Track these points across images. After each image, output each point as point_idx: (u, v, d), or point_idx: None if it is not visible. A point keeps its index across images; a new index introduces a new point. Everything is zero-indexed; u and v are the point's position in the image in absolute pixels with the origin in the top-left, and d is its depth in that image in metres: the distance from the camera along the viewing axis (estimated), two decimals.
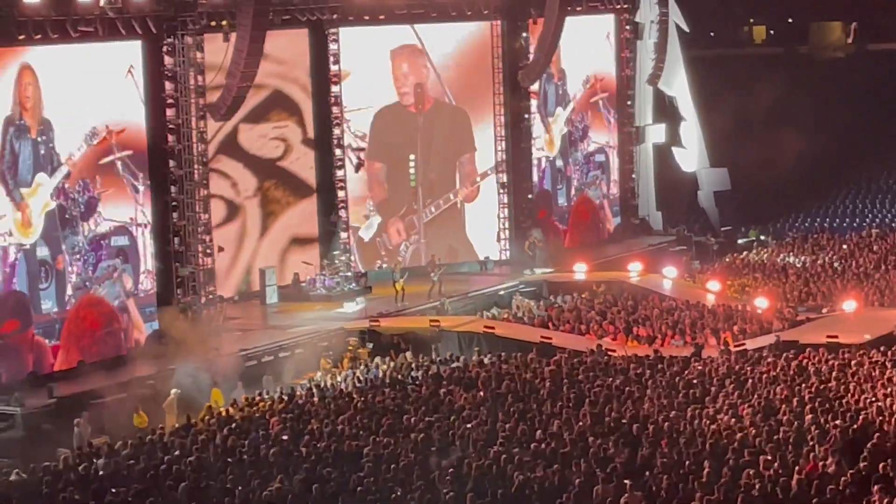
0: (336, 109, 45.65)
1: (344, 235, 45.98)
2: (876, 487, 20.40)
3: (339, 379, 34.63)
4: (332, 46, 45.49)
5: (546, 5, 47.05)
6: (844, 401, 26.38)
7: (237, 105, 39.56)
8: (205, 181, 39.57)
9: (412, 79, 47.50)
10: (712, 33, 73.26)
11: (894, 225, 55.53)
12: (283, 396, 31.26)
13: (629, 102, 53.69)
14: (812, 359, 31.03)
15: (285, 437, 26.51)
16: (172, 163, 38.65)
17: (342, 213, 46.07)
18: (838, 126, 62.95)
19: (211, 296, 39.59)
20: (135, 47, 37.90)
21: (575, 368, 31.37)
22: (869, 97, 65.64)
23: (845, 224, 57.53)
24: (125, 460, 25.67)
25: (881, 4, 70.54)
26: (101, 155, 37.16)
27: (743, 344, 34.63)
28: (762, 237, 55.01)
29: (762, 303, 39.41)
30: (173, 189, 38.64)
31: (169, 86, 38.60)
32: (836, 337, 33.68)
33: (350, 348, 37.85)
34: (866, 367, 29.63)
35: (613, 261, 49.14)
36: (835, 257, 47.89)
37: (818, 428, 24.26)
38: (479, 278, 47.36)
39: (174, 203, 38.68)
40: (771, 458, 22.27)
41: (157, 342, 37.34)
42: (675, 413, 26.21)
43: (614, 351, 34.37)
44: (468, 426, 26.07)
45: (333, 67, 45.56)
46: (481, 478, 22.35)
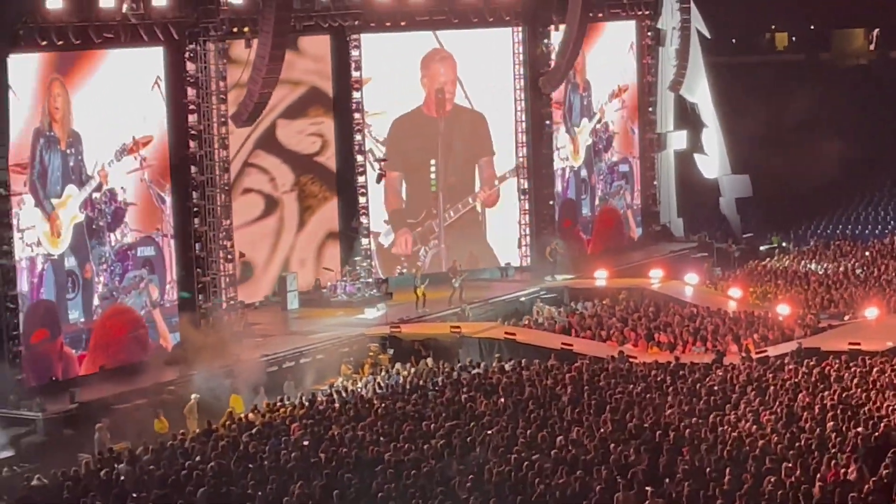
0: (357, 116, 45.75)
1: (365, 241, 46.04)
2: None
3: (360, 385, 34.63)
4: (354, 53, 45.61)
5: (567, 11, 47.06)
6: (866, 408, 26.33)
7: (259, 111, 39.65)
8: (226, 187, 39.69)
9: (437, 83, 47.56)
10: (734, 40, 73.08)
11: None
12: (304, 402, 31.27)
13: (651, 109, 53.64)
14: (834, 366, 30.96)
15: (306, 443, 26.50)
16: (194, 168, 38.81)
17: (363, 220, 46.14)
18: (860, 133, 62.88)
19: (232, 301, 39.67)
20: (157, 53, 38.03)
21: (596, 375, 31.32)
22: (891, 104, 65.45)
23: (867, 231, 57.35)
24: (146, 466, 25.69)
25: None
26: (128, 166, 37.32)
27: (765, 351, 34.52)
28: (784, 244, 54.85)
29: (784, 310, 39.32)
30: (195, 195, 38.79)
31: (191, 92, 38.77)
32: (859, 344, 33.50)
33: (371, 354, 37.85)
34: (888, 375, 29.51)
35: (635, 267, 49.09)
36: (857, 264, 47.75)
37: (840, 435, 24.19)
38: (500, 284, 47.35)
39: (195, 209, 38.79)
40: (792, 466, 22.18)
41: (179, 348, 37.45)
42: (697, 420, 26.12)
43: (635, 357, 34.28)
44: (489, 432, 26.02)
45: (355, 74, 45.65)
46: (502, 484, 22.33)
